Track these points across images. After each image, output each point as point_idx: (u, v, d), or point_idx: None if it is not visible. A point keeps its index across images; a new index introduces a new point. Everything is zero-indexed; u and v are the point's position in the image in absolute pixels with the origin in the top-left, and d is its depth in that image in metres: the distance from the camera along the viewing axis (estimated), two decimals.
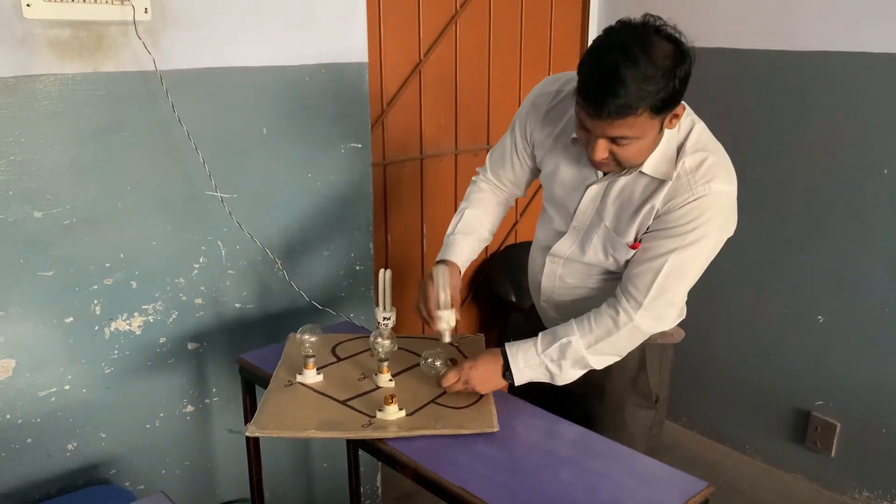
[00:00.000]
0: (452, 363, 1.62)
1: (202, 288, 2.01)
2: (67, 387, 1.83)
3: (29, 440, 1.80)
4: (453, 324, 1.57)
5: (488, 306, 3.15)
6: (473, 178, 1.84)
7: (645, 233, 1.51)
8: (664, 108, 1.33)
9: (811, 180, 2.62)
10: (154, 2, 1.75)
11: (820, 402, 2.75)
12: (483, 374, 1.55)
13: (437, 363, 1.60)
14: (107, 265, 1.83)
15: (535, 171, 1.75)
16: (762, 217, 2.75)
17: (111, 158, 1.79)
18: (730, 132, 2.78)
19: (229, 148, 1.97)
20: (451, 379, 1.56)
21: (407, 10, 2.57)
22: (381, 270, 1.69)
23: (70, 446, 1.87)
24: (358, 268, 2.34)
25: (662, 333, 1.66)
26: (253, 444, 1.91)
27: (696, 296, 1.59)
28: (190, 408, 2.08)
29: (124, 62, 1.75)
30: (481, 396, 1.58)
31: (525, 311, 1.95)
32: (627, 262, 1.55)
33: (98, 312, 1.84)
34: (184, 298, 1.98)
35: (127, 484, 1.98)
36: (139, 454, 2.00)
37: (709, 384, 3.08)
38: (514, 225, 3.15)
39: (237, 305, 2.10)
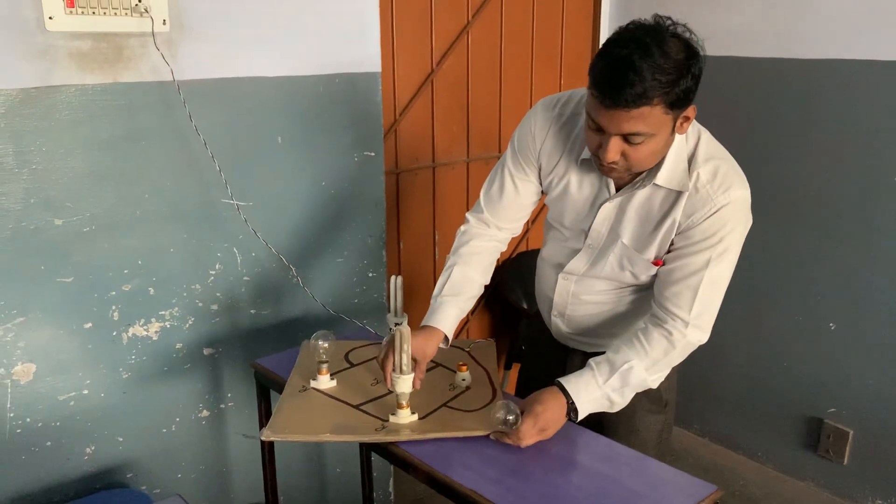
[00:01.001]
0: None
1: (218, 294, 2.04)
2: (86, 391, 1.86)
3: (48, 443, 1.83)
4: (408, 390, 1.50)
5: (500, 313, 3.16)
6: (462, 228, 1.75)
7: (670, 250, 1.50)
8: (678, 103, 1.32)
9: (820, 188, 2.62)
10: (172, 14, 1.79)
11: (832, 410, 2.74)
12: (554, 420, 1.47)
13: (510, 418, 1.44)
14: (125, 272, 1.87)
15: (537, 197, 1.71)
16: (773, 225, 2.75)
17: (130, 167, 1.82)
18: (738, 140, 2.79)
19: (245, 156, 2.00)
20: (530, 438, 1.45)
21: (419, 20, 2.60)
22: (393, 277, 1.71)
23: (88, 450, 1.90)
24: (371, 275, 2.37)
25: None
26: (268, 449, 1.93)
27: None
28: (206, 412, 2.11)
29: (143, 73, 1.79)
30: (492, 400, 1.60)
31: (531, 316, 1.93)
32: (647, 276, 1.56)
33: (116, 318, 1.87)
34: (200, 304, 2.01)
35: (143, 488, 2.01)
36: (156, 458, 2.02)
37: (721, 391, 3.08)
38: (526, 233, 3.17)
39: (252, 311, 2.12)
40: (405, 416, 1.51)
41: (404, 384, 1.50)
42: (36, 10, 1.61)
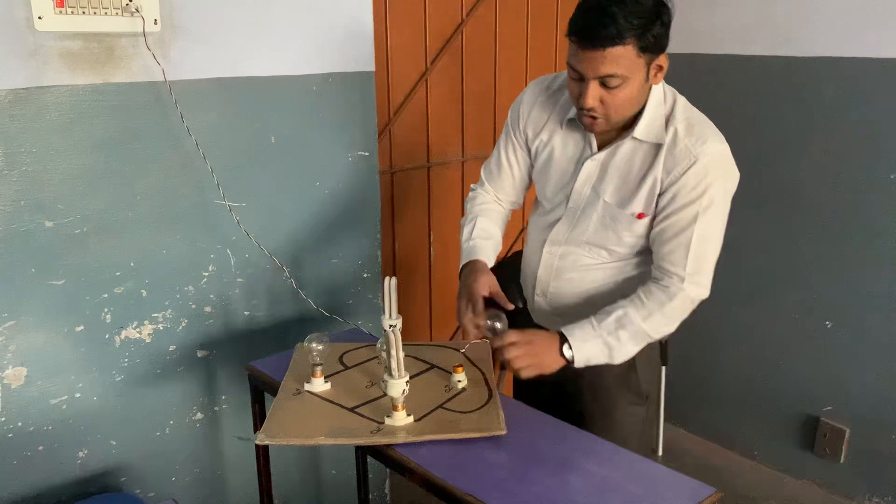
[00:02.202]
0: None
1: (211, 296, 2.03)
2: (78, 395, 1.84)
3: (40, 448, 1.81)
4: (400, 394, 1.49)
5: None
6: (471, 195, 1.87)
7: (658, 213, 1.56)
8: (649, 47, 1.42)
9: (818, 186, 2.62)
10: (163, 13, 1.77)
11: (829, 408, 2.74)
12: (544, 343, 1.54)
13: (498, 325, 1.56)
14: (117, 274, 1.85)
15: (531, 170, 1.79)
16: (769, 222, 2.75)
17: (121, 168, 1.81)
18: (737, 138, 2.78)
19: (238, 157, 1.99)
20: (516, 349, 1.52)
21: (413, 20, 2.59)
22: (387, 278, 1.70)
23: (81, 454, 1.88)
24: (365, 275, 2.35)
25: None
26: (262, 452, 1.92)
27: (706, 301, 1.60)
28: (199, 415, 2.09)
29: (134, 73, 1.77)
30: (489, 400, 1.59)
31: (518, 313, 1.95)
32: (631, 237, 1.61)
33: (108, 321, 1.86)
34: (193, 307, 2.00)
35: (137, 491, 1.99)
36: (149, 462, 2.01)
37: (717, 390, 3.08)
38: (522, 231, 3.16)
39: (246, 313, 2.11)
40: (401, 419, 1.50)
41: (396, 388, 1.49)
42: (25, 10, 1.59)
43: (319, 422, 1.52)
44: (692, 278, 1.55)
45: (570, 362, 1.56)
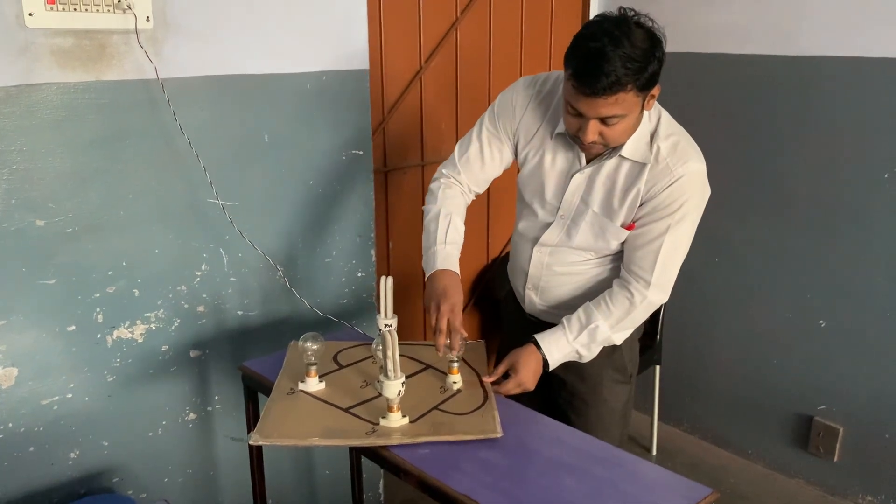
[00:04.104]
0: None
1: (204, 295, 2.01)
2: (70, 395, 1.83)
3: (31, 449, 1.79)
4: (396, 395, 1.49)
5: (489, 311, 3.15)
6: (441, 180, 1.82)
7: (637, 219, 1.65)
8: (647, 85, 1.47)
9: (812, 185, 2.62)
10: (156, 10, 1.76)
11: (822, 407, 2.74)
12: (532, 375, 1.67)
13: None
14: (109, 273, 1.83)
15: (507, 164, 1.84)
16: (763, 222, 2.75)
17: (113, 167, 1.79)
18: (731, 137, 2.80)
19: (231, 156, 1.97)
20: (509, 391, 1.66)
21: (408, 17, 2.58)
22: (383, 277, 1.69)
23: (73, 455, 1.86)
24: (359, 275, 2.34)
25: None
26: (256, 452, 1.91)
27: (699, 300, 1.62)
28: (192, 415, 2.08)
29: (126, 71, 1.76)
30: (484, 402, 1.58)
31: (503, 299, 2.06)
32: (619, 243, 1.70)
33: (100, 320, 1.84)
34: (186, 306, 1.98)
35: (129, 492, 1.98)
36: (142, 462, 1.99)
37: (711, 389, 3.08)
38: None
39: (239, 313, 2.10)
40: (396, 420, 1.49)
41: (392, 389, 1.48)
42: (15, 7, 1.57)
43: (314, 422, 1.51)
44: (657, 283, 1.66)
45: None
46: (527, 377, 1.65)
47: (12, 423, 1.75)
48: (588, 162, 1.67)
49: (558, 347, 1.68)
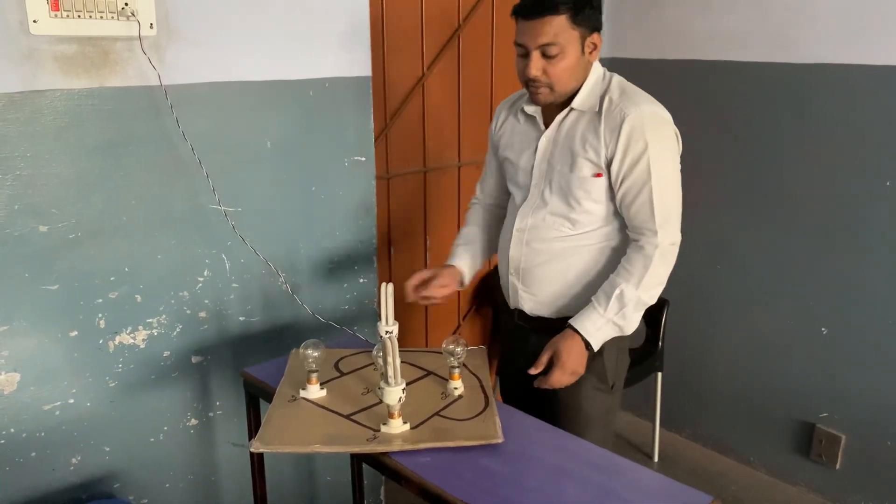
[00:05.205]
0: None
1: (206, 301, 2.02)
2: (72, 400, 1.83)
3: (33, 454, 1.80)
4: (397, 401, 1.50)
5: (492, 318, 3.15)
6: (472, 200, 2.11)
7: (614, 182, 1.70)
8: (582, 22, 1.64)
9: (814, 191, 2.62)
10: (159, 17, 1.76)
11: (824, 415, 2.74)
12: (578, 357, 1.71)
13: (457, 348, 1.66)
14: (111, 279, 1.84)
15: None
16: (765, 229, 2.75)
17: (116, 173, 1.80)
18: (732, 144, 2.80)
19: (233, 162, 1.98)
20: (559, 380, 1.71)
21: (410, 24, 2.58)
22: (383, 284, 1.69)
23: (74, 460, 1.87)
24: (361, 281, 2.34)
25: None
26: (257, 458, 1.91)
27: (701, 307, 1.62)
28: (194, 421, 2.08)
29: (129, 77, 1.76)
30: (486, 408, 1.58)
31: (500, 303, 2.07)
32: (591, 202, 1.74)
33: (102, 326, 1.85)
34: (188, 312, 1.99)
35: (131, 498, 1.98)
36: (143, 468, 2.00)
37: (713, 396, 3.08)
38: None
39: (241, 319, 2.10)
40: (397, 426, 1.49)
41: (393, 395, 1.48)
42: (20, 13, 1.58)
43: (315, 429, 1.51)
44: (664, 229, 1.69)
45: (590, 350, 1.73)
46: (572, 362, 1.69)
47: (14, 428, 1.76)
48: (547, 126, 1.78)
49: (593, 323, 1.71)
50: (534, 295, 1.85)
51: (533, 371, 1.72)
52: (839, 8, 2.45)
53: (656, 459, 3.09)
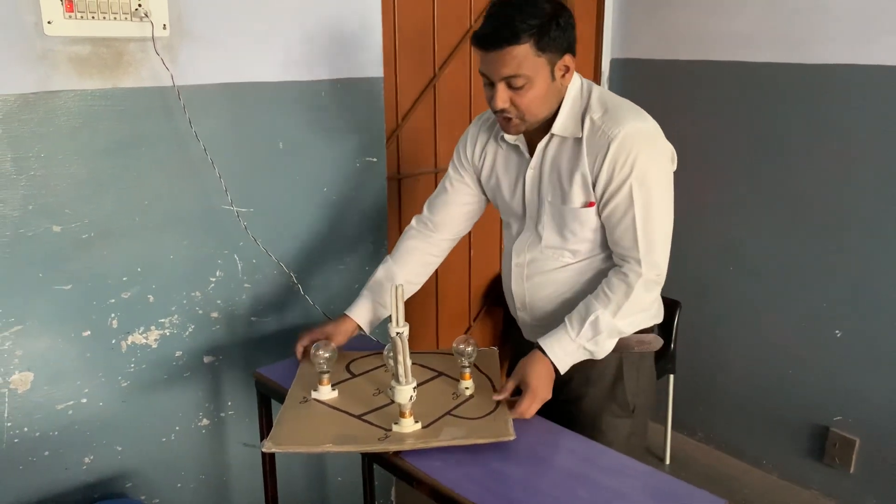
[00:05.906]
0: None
1: (218, 302, 2.02)
2: (85, 400, 1.84)
3: (46, 453, 1.80)
4: (407, 400, 1.48)
5: (502, 320, 3.14)
6: (407, 227, 1.92)
7: (599, 204, 1.60)
8: (548, 47, 1.49)
9: (826, 193, 2.60)
10: (172, 19, 1.77)
11: (838, 418, 2.72)
12: (546, 386, 1.59)
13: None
14: (124, 279, 1.85)
15: (473, 201, 1.86)
16: (778, 231, 2.73)
17: (129, 173, 1.81)
18: (744, 145, 2.79)
19: (245, 162, 1.98)
20: (528, 409, 1.56)
21: (422, 25, 2.58)
22: (394, 286, 1.69)
23: (87, 459, 1.87)
24: None
25: (640, 341, 1.73)
26: (268, 459, 1.91)
27: (713, 309, 1.59)
28: (205, 421, 2.08)
29: (143, 78, 1.77)
30: (497, 406, 1.58)
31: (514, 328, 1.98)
32: (588, 231, 1.64)
33: (115, 326, 1.85)
34: (200, 312, 1.99)
35: (142, 497, 1.99)
36: (155, 467, 2.00)
37: (725, 399, 3.06)
38: None
39: (253, 319, 2.10)
40: (408, 425, 1.49)
41: (404, 394, 1.48)
42: (34, 15, 1.59)
43: (326, 429, 1.51)
44: (646, 257, 1.58)
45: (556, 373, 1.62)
46: (539, 387, 1.56)
47: (27, 427, 1.76)
48: (531, 153, 1.67)
49: (563, 348, 1.59)
50: (546, 328, 1.70)
51: (496, 398, 1.59)
52: (851, 8, 2.43)
53: (668, 462, 3.08)
